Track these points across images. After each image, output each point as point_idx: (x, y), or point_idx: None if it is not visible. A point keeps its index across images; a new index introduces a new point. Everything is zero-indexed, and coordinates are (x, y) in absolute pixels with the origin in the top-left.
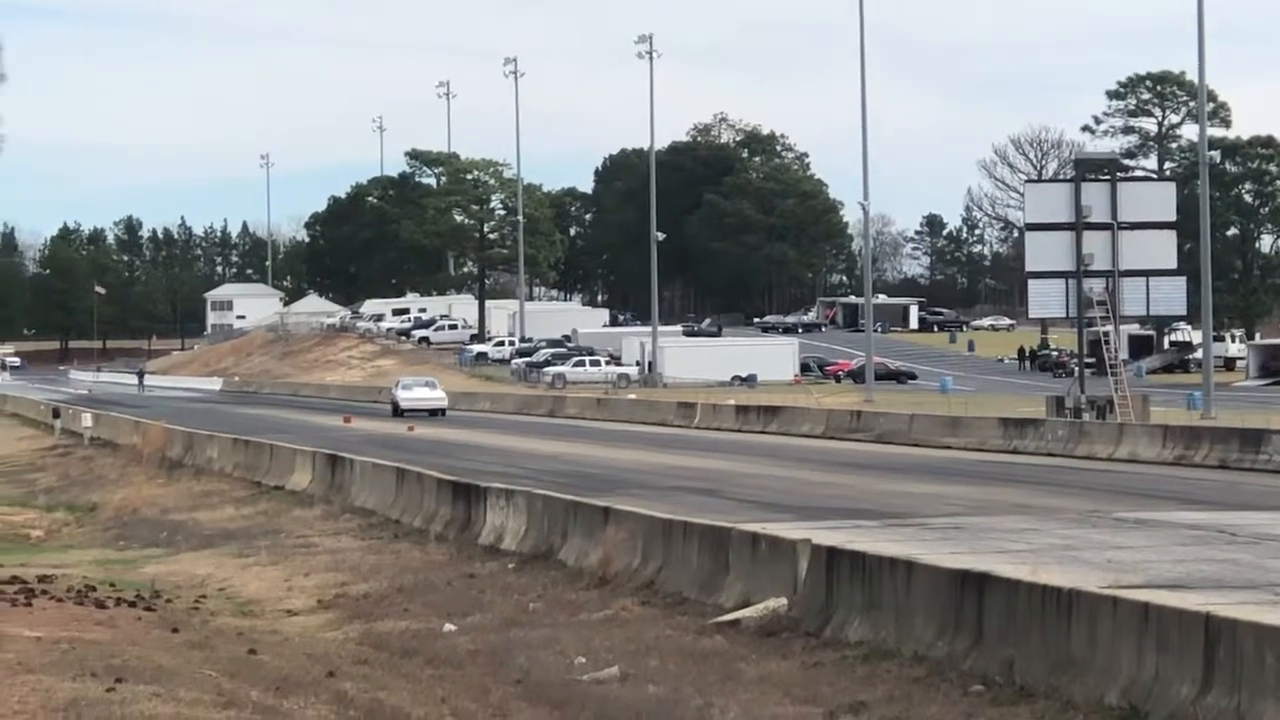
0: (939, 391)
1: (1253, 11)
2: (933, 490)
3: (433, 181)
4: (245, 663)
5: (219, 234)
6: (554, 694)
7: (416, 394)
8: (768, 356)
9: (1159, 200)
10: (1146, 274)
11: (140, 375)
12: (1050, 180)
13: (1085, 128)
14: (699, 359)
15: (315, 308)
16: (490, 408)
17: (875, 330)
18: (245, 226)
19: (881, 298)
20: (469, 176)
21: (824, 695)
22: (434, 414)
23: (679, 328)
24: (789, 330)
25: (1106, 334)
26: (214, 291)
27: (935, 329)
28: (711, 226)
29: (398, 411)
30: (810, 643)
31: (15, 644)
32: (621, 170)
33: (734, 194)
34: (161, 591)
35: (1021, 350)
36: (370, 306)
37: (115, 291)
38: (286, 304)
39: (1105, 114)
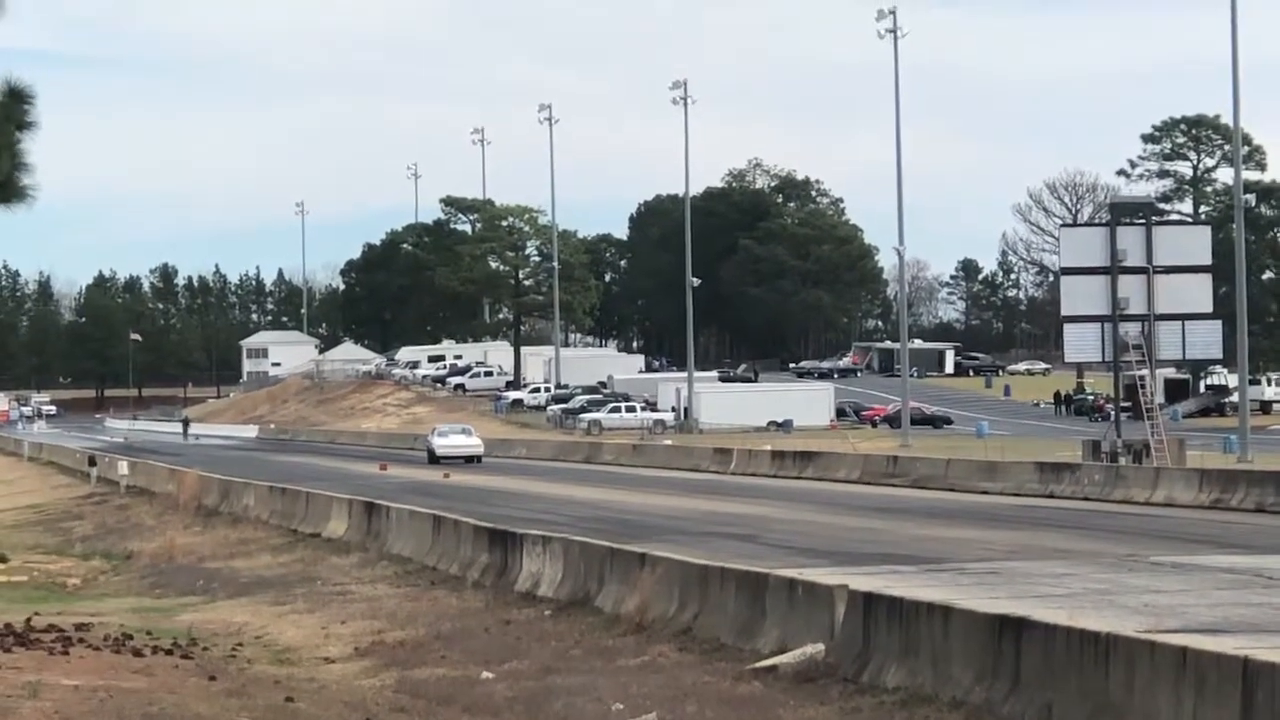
0: (975, 436)
1: None
2: (969, 535)
3: (468, 228)
4: (282, 710)
5: (254, 281)
6: None
7: (453, 440)
8: (803, 402)
9: (1194, 244)
10: (1182, 318)
11: (185, 424)
12: (1085, 224)
13: (1120, 171)
14: (735, 404)
15: (351, 355)
16: (526, 454)
17: (911, 375)
18: (280, 274)
19: (917, 342)
20: (504, 223)
21: None
22: (470, 460)
23: (715, 373)
24: (824, 375)
25: (1142, 378)
26: (249, 339)
27: (971, 373)
28: (747, 272)
29: (434, 458)
30: (848, 688)
31: (53, 693)
32: (656, 216)
33: (769, 239)
34: (198, 639)
35: (1057, 394)
36: (406, 353)
37: (151, 339)
38: (322, 351)
39: (1140, 158)
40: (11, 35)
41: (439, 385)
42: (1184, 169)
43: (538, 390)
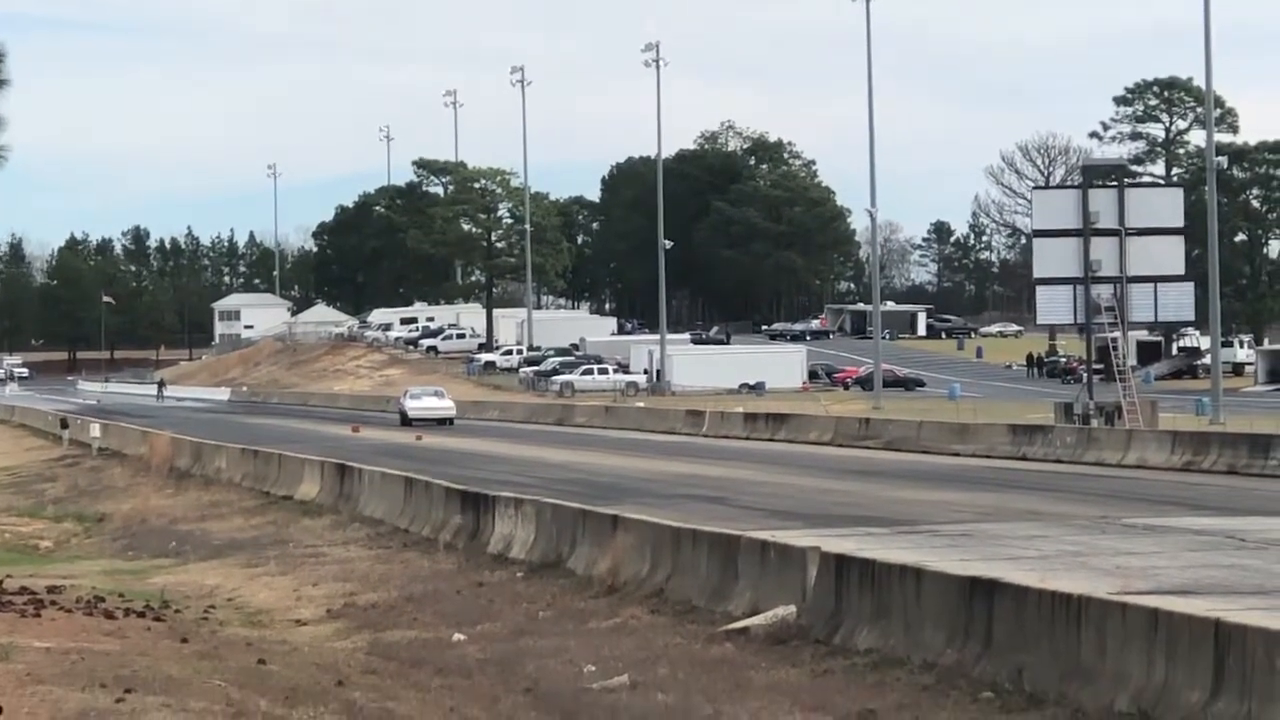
0: (947, 398)
1: (1261, 16)
2: (941, 497)
3: (440, 191)
4: (254, 673)
5: (226, 244)
6: (563, 703)
7: (425, 403)
8: (776, 364)
9: (1166, 206)
10: (1154, 280)
11: (160, 385)
12: (1057, 187)
13: (1093, 134)
14: (707, 367)
15: (323, 317)
16: (499, 416)
17: (883, 337)
18: (252, 236)
19: (889, 305)
20: (476, 185)
21: (833, 703)
22: (442, 423)
23: (687, 335)
24: (797, 338)
25: (1114, 340)
26: (222, 301)
27: (943, 336)
28: (719, 234)
29: (406, 421)
30: (819, 650)
31: (25, 655)
32: (628, 179)
33: (741, 202)
34: (170, 602)
35: (1029, 356)
36: (378, 316)
37: (123, 301)
38: (294, 314)
39: (1112, 120)
40: None
41: (411, 347)
42: (1156, 131)
43: (510, 352)
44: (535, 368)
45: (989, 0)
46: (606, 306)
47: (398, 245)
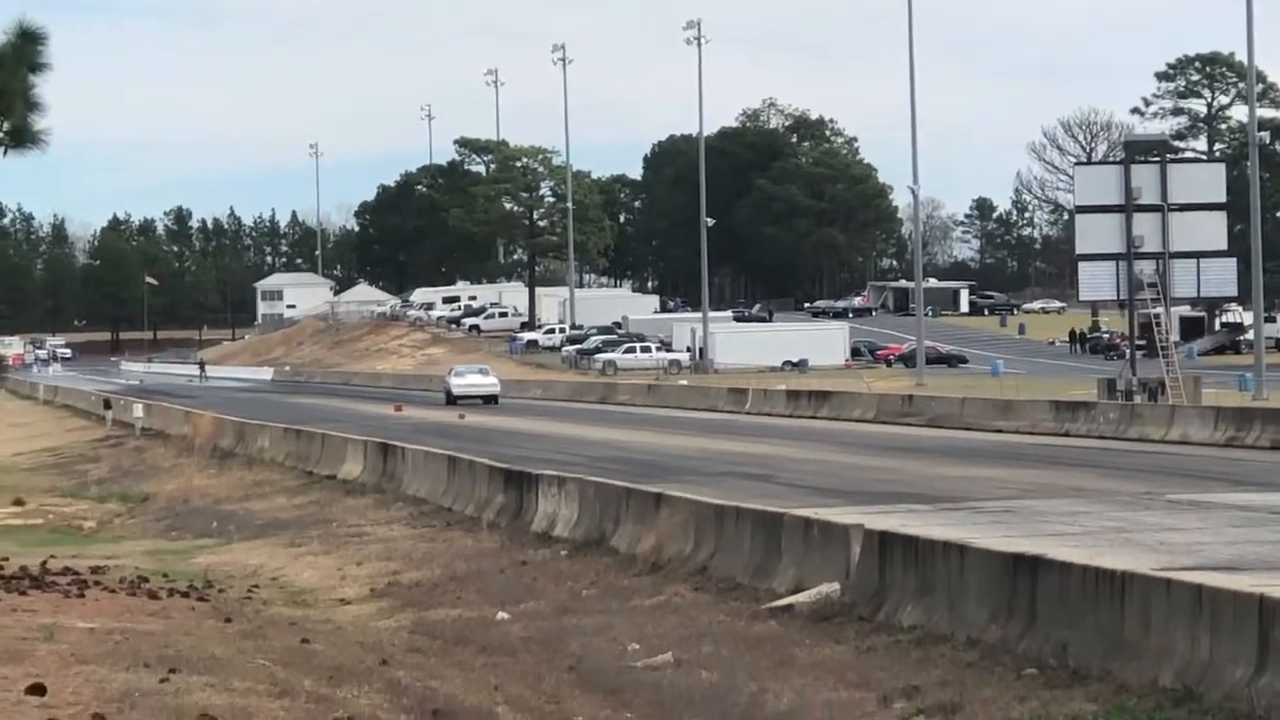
0: (990, 375)
1: None
2: (985, 474)
3: (482, 169)
4: (298, 652)
5: (268, 224)
6: (607, 681)
7: (469, 380)
8: (818, 341)
9: (1209, 181)
10: (1197, 255)
11: (201, 366)
12: (1100, 163)
13: (1134, 110)
14: (749, 344)
15: (365, 296)
16: (541, 395)
17: (926, 314)
18: (294, 216)
19: (932, 281)
20: (518, 164)
21: (877, 680)
22: (487, 400)
23: (729, 313)
24: (839, 315)
25: (1157, 316)
26: (264, 281)
27: (986, 312)
28: (761, 212)
29: (451, 399)
30: (863, 627)
31: (69, 635)
32: (670, 156)
33: (783, 179)
34: (214, 581)
35: (1072, 333)
36: (420, 295)
37: (165, 282)
38: (336, 293)
39: (1154, 96)
40: None
41: (454, 326)
42: (1198, 107)
43: (552, 331)
44: (578, 346)
45: None
46: (649, 285)
47: (440, 224)
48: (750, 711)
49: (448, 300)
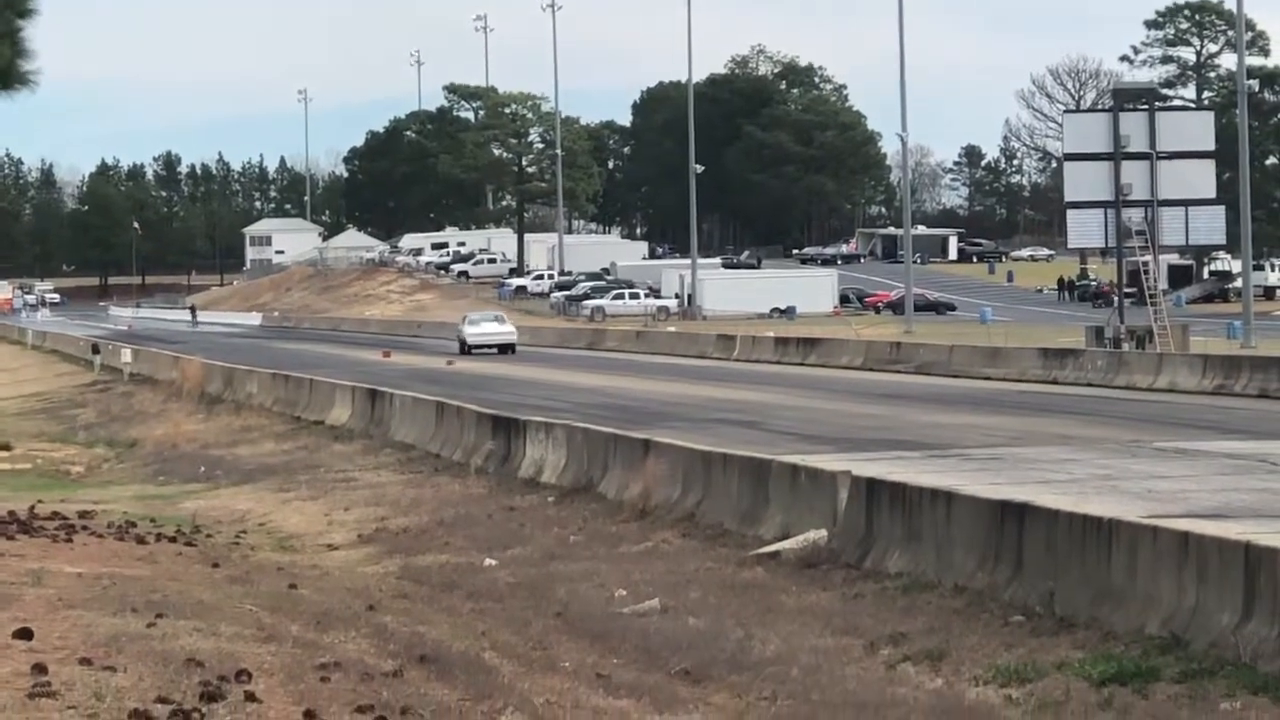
0: (978, 322)
1: None
2: (972, 421)
3: (471, 116)
4: (285, 597)
5: (257, 169)
6: (595, 626)
7: (484, 329)
8: (807, 288)
9: (1197, 129)
10: (1185, 203)
11: (192, 311)
12: (1088, 110)
13: (1123, 58)
14: (738, 291)
15: (354, 242)
16: (529, 341)
17: (914, 261)
18: (283, 161)
19: (920, 229)
20: (507, 110)
21: (864, 626)
22: (503, 349)
23: (718, 260)
24: (828, 262)
25: (1146, 264)
26: (253, 227)
27: (974, 260)
28: (750, 159)
29: (465, 349)
30: (850, 574)
31: (57, 580)
32: (659, 103)
33: (772, 126)
34: (202, 527)
35: (1061, 280)
36: (409, 241)
37: (154, 227)
38: (325, 239)
39: (1143, 44)
40: None
41: (442, 272)
42: (1187, 55)
43: (541, 277)
44: (566, 292)
45: None
46: (637, 231)
47: (429, 170)
48: (737, 658)
49: (436, 246)
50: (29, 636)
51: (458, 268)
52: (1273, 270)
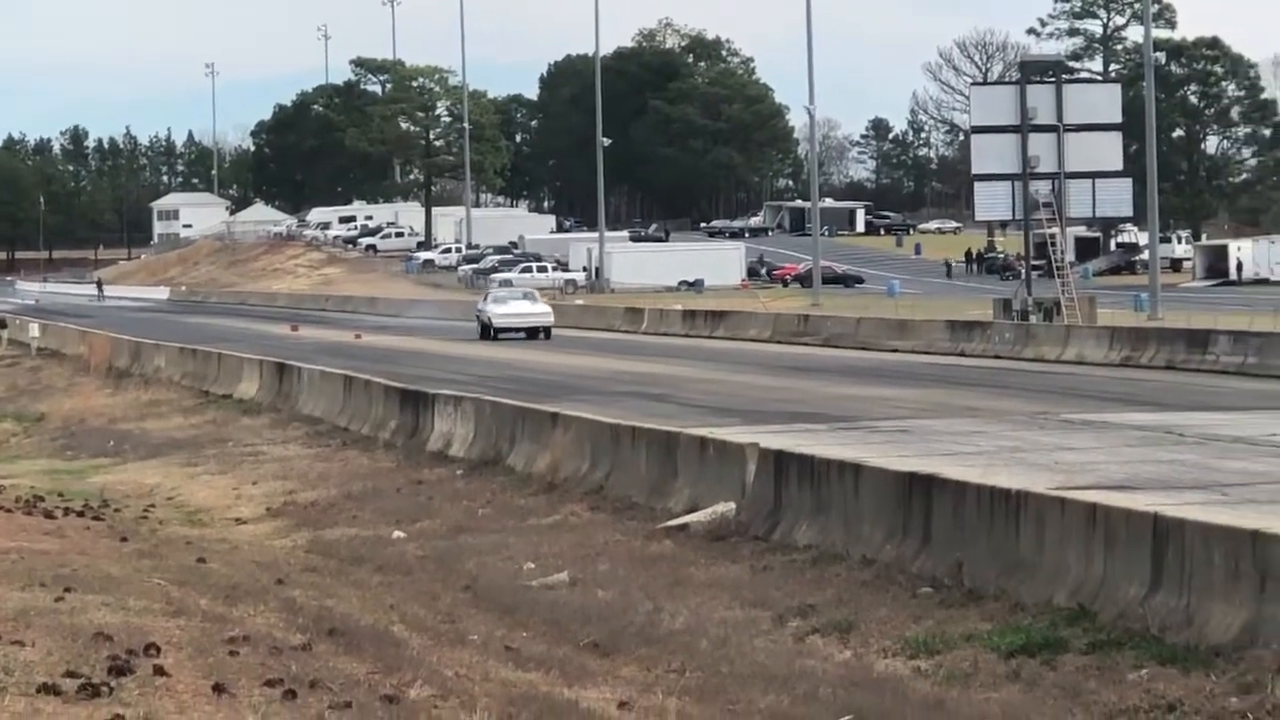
0: (886, 295)
1: None
2: (880, 393)
3: (378, 89)
4: (194, 571)
5: (164, 144)
6: (503, 599)
7: (514, 309)
8: (715, 261)
9: (1104, 102)
10: (1092, 176)
11: (99, 285)
12: (995, 83)
13: (1030, 30)
14: (646, 264)
15: (262, 216)
16: (438, 315)
17: (822, 234)
18: (191, 136)
19: (828, 202)
20: (414, 84)
21: (773, 598)
22: (536, 334)
23: (626, 233)
24: (736, 235)
25: (1053, 236)
26: (160, 201)
27: (882, 232)
28: (657, 132)
29: (489, 332)
30: (759, 546)
31: None
32: (567, 77)
33: (679, 99)
34: (110, 501)
35: (968, 253)
36: (317, 215)
37: (60, 201)
38: (233, 213)
39: (1050, 16)
40: None
41: (350, 246)
42: (1094, 27)
43: (449, 251)
44: (474, 266)
45: None
46: (545, 204)
47: (336, 144)
48: (646, 630)
49: (344, 220)
50: None
51: (365, 241)
52: (1179, 243)
